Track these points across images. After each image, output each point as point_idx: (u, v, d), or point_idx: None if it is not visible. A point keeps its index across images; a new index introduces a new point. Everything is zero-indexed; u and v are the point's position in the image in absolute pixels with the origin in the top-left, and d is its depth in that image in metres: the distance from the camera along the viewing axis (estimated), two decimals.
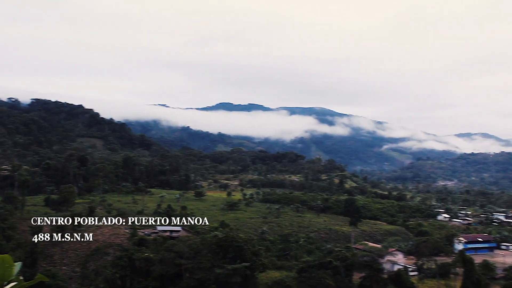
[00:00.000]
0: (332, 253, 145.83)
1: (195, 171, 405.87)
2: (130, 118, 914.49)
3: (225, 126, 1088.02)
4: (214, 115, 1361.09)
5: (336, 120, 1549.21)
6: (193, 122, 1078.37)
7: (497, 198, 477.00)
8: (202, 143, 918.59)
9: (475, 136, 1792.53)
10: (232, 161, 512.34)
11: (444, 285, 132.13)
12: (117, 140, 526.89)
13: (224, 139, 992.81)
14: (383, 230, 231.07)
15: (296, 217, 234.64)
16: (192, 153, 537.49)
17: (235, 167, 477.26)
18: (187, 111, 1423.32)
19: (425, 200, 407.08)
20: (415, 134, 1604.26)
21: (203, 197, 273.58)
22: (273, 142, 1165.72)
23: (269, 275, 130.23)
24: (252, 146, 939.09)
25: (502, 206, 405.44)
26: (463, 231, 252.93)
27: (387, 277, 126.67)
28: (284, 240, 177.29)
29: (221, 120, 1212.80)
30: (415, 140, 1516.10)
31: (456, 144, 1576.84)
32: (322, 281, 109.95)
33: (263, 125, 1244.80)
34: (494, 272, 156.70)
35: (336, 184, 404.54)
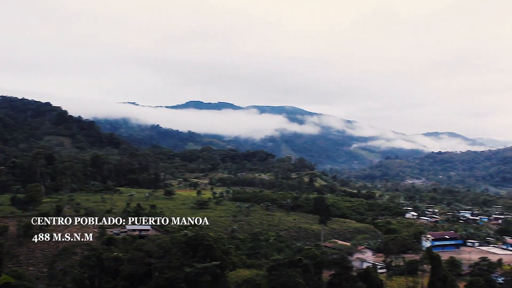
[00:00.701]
0: (302, 251, 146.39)
1: (164, 170, 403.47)
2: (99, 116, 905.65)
3: (195, 125, 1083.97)
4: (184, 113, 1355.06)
5: (306, 119, 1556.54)
6: (163, 121, 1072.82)
7: (463, 196, 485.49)
8: (172, 141, 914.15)
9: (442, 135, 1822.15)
10: (202, 160, 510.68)
11: (412, 282, 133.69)
12: (85, 139, 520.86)
13: (194, 138, 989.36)
14: (352, 228, 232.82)
15: (266, 215, 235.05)
16: (161, 152, 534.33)
17: (205, 165, 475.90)
18: (157, 110, 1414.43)
19: (394, 198, 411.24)
20: (384, 133, 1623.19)
21: (172, 196, 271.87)
22: (243, 140, 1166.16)
23: (239, 273, 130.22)
24: (222, 144, 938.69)
25: (468, 204, 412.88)
26: (430, 228, 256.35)
27: (356, 275, 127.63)
28: (254, 239, 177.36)
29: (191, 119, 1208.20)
30: (384, 139, 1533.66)
31: (424, 143, 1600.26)
32: (292, 279, 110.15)
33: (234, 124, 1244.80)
34: (460, 268, 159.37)
35: (306, 182, 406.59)
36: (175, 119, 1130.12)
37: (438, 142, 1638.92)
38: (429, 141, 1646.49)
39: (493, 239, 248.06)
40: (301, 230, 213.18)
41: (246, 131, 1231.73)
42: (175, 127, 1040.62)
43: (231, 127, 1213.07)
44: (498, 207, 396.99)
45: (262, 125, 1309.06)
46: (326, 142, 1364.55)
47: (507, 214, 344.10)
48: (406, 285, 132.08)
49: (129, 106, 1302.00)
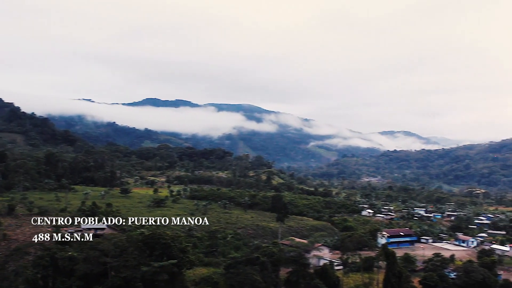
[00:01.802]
0: (259, 249, 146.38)
1: (121, 168, 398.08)
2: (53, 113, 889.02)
3: (152, 122, 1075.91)
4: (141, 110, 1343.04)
5: (263, 117, 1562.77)
6: (119, 118, 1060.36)
7: (417, 193, 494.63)
8: (128, 139, 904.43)
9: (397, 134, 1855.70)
10: (159, 158, 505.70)
11: (368, 278, 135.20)
12: (39, 136, 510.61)
13: (151, 135, 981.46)
14: (309, 225, 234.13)
15: (223, 213, 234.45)
16: (118, 149, 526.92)
17: (162, 163, 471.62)
18: (113, 107, 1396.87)
19: (350, 196, 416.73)
20: (340, 131, 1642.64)
21: (129, 194, 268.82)
22: (201, 138, 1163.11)
23: (196, 271, 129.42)
24: (179, 142, 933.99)
25: (422, 201, 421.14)
26: (386, 225, 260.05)
27: (313, 272, 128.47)
28: (212, 237, 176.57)
29: (148, 116, 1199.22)
30: (341, 138, 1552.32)
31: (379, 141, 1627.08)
32: (249, 276, 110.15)
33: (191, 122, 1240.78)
34: (415, 264, 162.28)
35: (264, 180, 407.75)
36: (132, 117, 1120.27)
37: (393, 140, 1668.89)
38: (385, 140, 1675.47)
39: (446, 235, 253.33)
40: (259, 228, 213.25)
41: (204, 129, 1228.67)
42: (132, 124, 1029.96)
43: (189, 124, 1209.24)
44: (451, 204, 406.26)
45: (219, 123, 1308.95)
46: (283, 140, 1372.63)
47: (460, 211, 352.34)
48: (362, 281, 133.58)
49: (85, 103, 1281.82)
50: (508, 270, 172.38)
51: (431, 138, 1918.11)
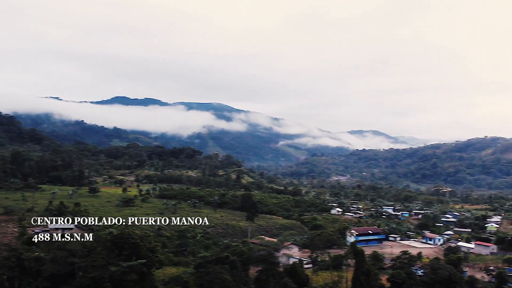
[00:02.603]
0: (229, 248, 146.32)
1: (89, 167, 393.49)
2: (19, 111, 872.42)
3: (121, 121, 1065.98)
4: (110, 109, 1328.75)
5: (233, 116, 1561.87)
6: (87, 116, 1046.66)
7: (386, 192, 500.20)
8: (97, 137, 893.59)
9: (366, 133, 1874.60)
10: (128, 157, 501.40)
11: (337, 277, 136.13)
12: (5, 134, 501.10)
13: (120, 134, 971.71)
14: (279, 224, 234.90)
15: (193, 212, 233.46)
16: (86, 148, 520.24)
17: (131, 162, 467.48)
18: (82, 105, 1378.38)
19: (320, 194, 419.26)
20: (310, 130, 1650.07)
21: (97, 193, 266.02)
22: (170, 137, 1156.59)
23: (166, 271, 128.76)
24: (148, 141, 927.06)
25: (391, 200, 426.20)
26: (355, 224, 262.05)
27: (283, 270, 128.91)
28: (181, 236, 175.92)
29: (117, 115, 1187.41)
30: (310, 137, 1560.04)
31: (348, 140, 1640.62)
32: (219, 276, 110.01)
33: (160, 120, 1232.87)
34: (383, 262, 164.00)
35: (233, 179, 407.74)
36: (100, 115, 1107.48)
37: (362, 140, 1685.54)
38: (354, 139, 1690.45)
39: (414, 233, 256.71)
40: (228, 227, 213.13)
41: (173, 128, 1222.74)
42: (100, 123, 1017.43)
43: (158, 123, 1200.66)
44: (418, 203, 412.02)
45: (189, 122, 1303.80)
46: (253, 139, 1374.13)
47: (427, 210, 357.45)
48: (331, 279, 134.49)
49: (52, 101, 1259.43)
50: (473, 266, 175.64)
51: (399, 138, 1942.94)
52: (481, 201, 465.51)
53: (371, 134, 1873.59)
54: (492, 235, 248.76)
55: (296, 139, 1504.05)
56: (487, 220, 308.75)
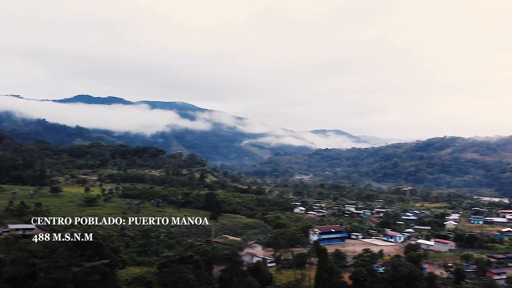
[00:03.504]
0: (192, 247, 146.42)
1: (51, 166, 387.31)
2: None
3: (84, 120, 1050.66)
4: (72, 107, 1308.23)
5: (197, 115, 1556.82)
6: (49, 115, 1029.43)
7: (348, 191, 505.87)
8: (59, 136, 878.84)
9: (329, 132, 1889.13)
10: (90, 156, 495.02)
11: (300, 275, 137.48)
12: None
13: (83, 133, 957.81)
14: (242, 223, 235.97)
15: (156, 212, 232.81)
16: (48, 147, 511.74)
17: (94, 161, 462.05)
18: (43, 103, 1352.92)
19: (283, 193, 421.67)
20: (273, 130, 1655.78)
21: (59, 193, 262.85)
22: (134, 136, 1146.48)
23: (129, 271, 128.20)
24: (112, 140, 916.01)
25: (353, 198, 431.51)
26: (317, 222, 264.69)
27: (246, 269, 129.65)
28: (145, 236, 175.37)
29: (80, 113, 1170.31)
30: (274, 136, 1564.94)
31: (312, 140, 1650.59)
32: (182, 275, 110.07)
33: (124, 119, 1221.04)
34: (345, 260, 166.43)
35: (197, 178, 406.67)
36: (63, 114, 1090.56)
37: (325, 139, 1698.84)
38: (317, 138, 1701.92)
39: (375, 231, 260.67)
40: (192, 226, 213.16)
41: (137, 127, 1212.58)
42: (63, 121, 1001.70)
43: (121, 122, 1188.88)
44: (379, 201, 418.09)
45: (153, 121, 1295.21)
46: (217, 139, 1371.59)
47: (388, 208, 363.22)
48: (295, 277, 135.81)
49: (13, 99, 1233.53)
50: (432, 263, 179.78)
51: (361, 137, 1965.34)
52: (440, 199, 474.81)
53: (334, 133, 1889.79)
54: (451, 232, 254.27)
55: (259, 138, 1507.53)
56: (446, 218, 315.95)
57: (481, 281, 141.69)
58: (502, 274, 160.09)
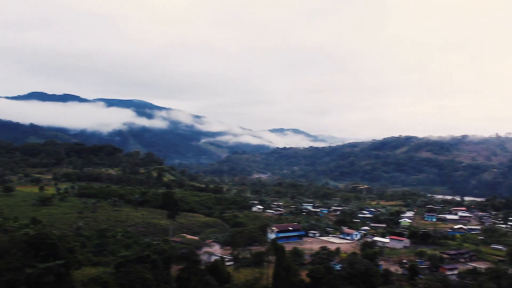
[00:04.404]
0: (150, 246, 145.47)
1: (3, 165, 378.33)
2: None
3: (38, 117, 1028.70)
4: (26, 105, 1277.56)
5: (154, 113, 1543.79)
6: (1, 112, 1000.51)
7: (305, 189, 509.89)
8: (12, 134, 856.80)
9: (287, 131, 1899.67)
10: (45, 154, 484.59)
11: (258, 273, 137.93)
12: None
13: (37, 131, 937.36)
14: (200, 222, 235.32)
15: (113, 211, 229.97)
16: (0, 145, 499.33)
17: (49, 160, 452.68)
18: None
19: (241, 192, 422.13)
20: (231, 128, 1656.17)
21: (12, 193, 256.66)
22: (90, 134, 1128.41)
23: (85, 272, 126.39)
24: (67, 138, 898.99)
25: (310, 197, 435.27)
26: (275, 221, 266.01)
27: (204, 268, 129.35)
28: (101, 235, 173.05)
29: (34, 111, 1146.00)
30: (232, 135, 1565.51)
31: (270, 139, 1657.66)
32: (140, 275, 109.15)
33: (79, 117, 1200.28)
34: (303, 258, 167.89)
35: (154, 177, 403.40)
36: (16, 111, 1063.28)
37: (283, 138, 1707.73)
38: (275, 137, 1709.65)
39: (332, 229, 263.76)
40: (150, 225, 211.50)
41: (93, 125, 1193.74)
42: (16, 119, 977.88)
43: (77, 120, 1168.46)
44: (336, 200, 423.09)
45: (109, 119, 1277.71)
46: (175, 137, 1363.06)
47: (345, 206, 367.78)
48: (253, 276, 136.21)
49: None
50: (388, 260, 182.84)
51: (318, 136, 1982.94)
52: (395, 197, 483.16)
53: (292, 132, 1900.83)
54: (405, 229, 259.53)
55: (217, 137, 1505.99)
56: (401, 215, 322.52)
57: (434, 276, 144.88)
58: (454, 270, 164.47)
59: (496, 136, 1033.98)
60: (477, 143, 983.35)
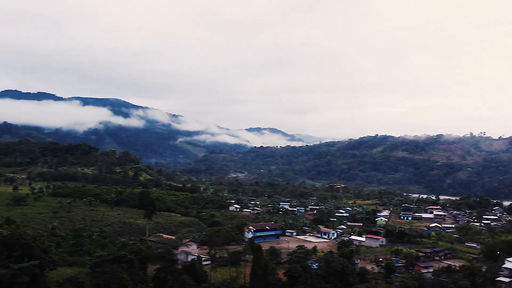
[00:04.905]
0: (126, 246, 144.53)
1: None
2: None
3: (12, 116, 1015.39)
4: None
5: (131, 112, 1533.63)
6: None
7: (283, 188, 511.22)
8: None
9: (264, 131, 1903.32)
10: (19, 153, 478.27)
11: (235, 272, 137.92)
12: None
13: (11, 129, 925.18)
14: (177, 221, 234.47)
15: (89, 211, 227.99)
16: None
17: (23, 159, 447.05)
18: None
19: (218, 191, 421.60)
20: (209, 127, 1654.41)
21: None
22: (65, 133, 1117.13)
23: (60, 272, 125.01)
24: (42, 137, 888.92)
25: (287, 196, 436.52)
26: (252, 220, 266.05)
27: (181, 268, 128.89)
28: (77, 235, 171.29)
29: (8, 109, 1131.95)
30: (209, 134, 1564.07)
31: (247, 138, 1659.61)
32: (116, 275, 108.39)
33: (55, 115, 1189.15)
34: (280, 257, 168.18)
35: (131, 177, 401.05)
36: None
37: (260, 137, 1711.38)
38: (252, 136, 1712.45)
39: (309, 228, 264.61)
40: (126, 225, 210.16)
41: (69, 124, 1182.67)
42: None
43: (52, 119, 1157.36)
44: (313, 199, 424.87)
45: (85, 118, 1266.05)
46: (151, 136, 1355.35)
47: (321, 205, 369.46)
48: (230, 275, 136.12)
49: None
50: (364, 258, 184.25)
51: (295, 135, 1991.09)
52: (371, 196, 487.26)
53: (269, 131, 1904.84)
54: (382, 228, 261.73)
55: (194, 136, 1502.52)
56: (377, 214, 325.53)
57: (410, 274, 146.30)
58: (429, 268, 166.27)
59: (470, 136, 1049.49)
60: (452, 142, 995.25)
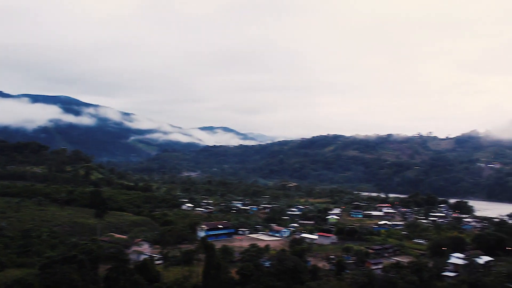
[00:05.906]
0: (77, 246, 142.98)
1: None
2: None
3: None
4: None
5: (82, 110, 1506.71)
6: None
7: (235, 187, 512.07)
8: None
9: (217, 129, 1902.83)
10: None
11: (188, 271, 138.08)
12: None
13: None
14: (129, 221, 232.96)
15: (38, 210, 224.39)
16: None
17: None
18: None
19: (170, 190, 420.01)
20: (161, 126, 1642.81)
21: None
22: (14, 131, 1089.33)
23: (8, 273, 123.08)
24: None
25: (240, 195, 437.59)
26: (205, 219, 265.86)
27: (133, 267, 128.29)
28: (25, 236, 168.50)
29: None
30: (162, 132, 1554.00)
31: (199, 136, 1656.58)
32: (66, 276, 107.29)
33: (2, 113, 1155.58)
34: (233, 255, 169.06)
35: (82, 175, 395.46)
36: None
37: (213, 136, 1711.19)
38: (205, 135, 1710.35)
39: (262, 226, 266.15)
40: (76, 224, 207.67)
41: (17, 121, 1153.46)
42: None
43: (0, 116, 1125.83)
44: (266, 197, 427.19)
45: (34, 115, 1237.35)
46: (103, 135, 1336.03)
47: (274, 204, 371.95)
48: (182, 274, 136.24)
49: None
50: (316, 256, 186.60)
51: (248, 134, 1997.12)
52: (323, 194, 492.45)
53: (222, 130, 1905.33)
54: (333, 226, 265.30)
55: (147, 135, 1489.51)
56: (328, 212, 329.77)
57: (360, 271, 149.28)
58: (379, 264, 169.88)
59: (418, 135, 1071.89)
60: (401, 142, 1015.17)
